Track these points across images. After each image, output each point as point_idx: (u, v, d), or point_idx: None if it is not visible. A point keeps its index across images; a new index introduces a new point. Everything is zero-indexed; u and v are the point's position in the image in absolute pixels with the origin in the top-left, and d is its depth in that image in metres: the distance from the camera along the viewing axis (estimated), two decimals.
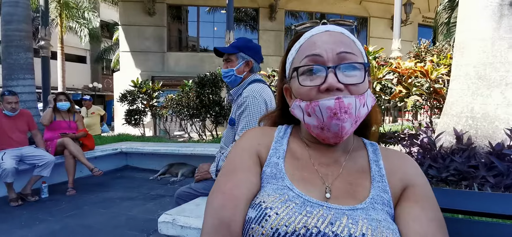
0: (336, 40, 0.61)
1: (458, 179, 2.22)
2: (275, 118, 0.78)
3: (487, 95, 2.46)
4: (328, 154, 0.65)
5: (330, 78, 0.57)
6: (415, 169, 0.64)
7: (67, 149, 3.76)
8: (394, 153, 0.68)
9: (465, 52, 2.63)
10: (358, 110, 0.58)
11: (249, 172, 0.62)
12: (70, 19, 14.00)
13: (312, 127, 0.61)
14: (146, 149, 4.81)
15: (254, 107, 1.63)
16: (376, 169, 0.63)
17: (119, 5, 11.27)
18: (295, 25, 0.73)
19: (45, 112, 3.92)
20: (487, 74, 2.46)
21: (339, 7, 12.13)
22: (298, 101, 0.63)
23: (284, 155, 0.65)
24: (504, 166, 2.07)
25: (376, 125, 0.77)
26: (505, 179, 2.02)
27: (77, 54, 19.93)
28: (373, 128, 0.75)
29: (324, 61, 0.59)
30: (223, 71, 1.81)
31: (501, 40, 2.42)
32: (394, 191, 0.61)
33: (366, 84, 0.61)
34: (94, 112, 6.70)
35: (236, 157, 0.65)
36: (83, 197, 3.52)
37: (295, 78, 0.62)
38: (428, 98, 4.03)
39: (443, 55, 4.73)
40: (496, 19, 2.45)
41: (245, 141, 0.68)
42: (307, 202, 0.56)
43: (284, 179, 0.60)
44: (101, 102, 21.00)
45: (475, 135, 2.50)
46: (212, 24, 11.81)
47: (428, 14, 12.80)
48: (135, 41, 10.93)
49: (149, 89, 6.96)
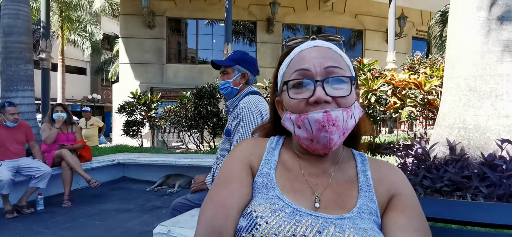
0: (324, 55, 0.64)
1: (452, 190, 2.25)
2: (268, 130, 0.81)
3: (478, 107, 2.51)
4: (317, 164, 0.67)
5: (318, 91, 0.60)
6: (401, 179, 0.66)
7: (65, 160, 3.77)
8: (381, 164, 0.71)
9: (456, 65, 2.70)
10: (346, 122, 0.61)
11: (241, 182, 0.64)
12: (71, 32, 14.15)
13: (302, 139, 0.63)
14: (144, 160, 4.81)
15: (249, 118, 1.66)
16: (364, 179, 0.66)
17: (120, 18, 11.43)
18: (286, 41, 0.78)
19: (51, 133, 3.87)
20: (477, 86, 2.52)
21: (335, 21, 12.34)
22: (288, 114, 0.65)
23: (275, 166, 0.67)
24: (496, 176, 2.11)
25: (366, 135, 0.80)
26: (497, 189, 2.04)
27: (77, 65, 20.08)
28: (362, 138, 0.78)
29: (313, 75, 0.62)
30: (220, 83, 1.86)
31: (490, 53, 2.49)
32: (381, 201, 0.63)
33: (353, 96, 0.64)
34: (93, 124, 6.73)
35: (229, 167, 0.68)
36: (79, 209, 3.50)
37: (286, 91, 0.65)
38: (422, 109, 4.08)
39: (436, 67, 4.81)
40: (485, 33, 2.52)
41: (238, 152, 0.71)
42: (297, 211, 0.58)
43: (275, 189, 0.62)
44: (100, 113, 21.01)
45: (468, 145, 2.53)
46: (210, 36, 11.96)
47: (422, 27, 13.03)
48: (135, 53, 11.05)
49: (147, 101, 7.00)
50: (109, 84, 20.31)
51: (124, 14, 11.10)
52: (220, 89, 1.87)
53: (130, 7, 10.90)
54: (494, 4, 2.51)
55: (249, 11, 11.64)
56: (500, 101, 2.46)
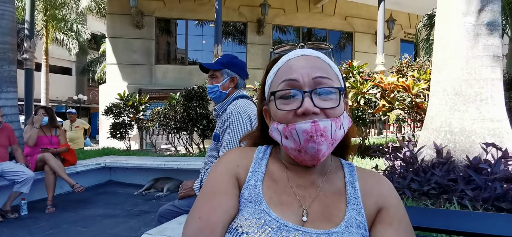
0: (312, 65, 0.63)
1: (439, 193, 2.28)
2: (255, 138, 0.79)
3: (464, 111, 2.56)
4: (305, 176, 0.66)
5: (306, 102, 0.59)
6: (389, 191, 0.66)
7: (47, 165, 3.66)
8: (369, 174, 0.70)
9: (443, 69, 2.74)
10: (334, 133, 0.60)
11: (227, 195, 0.62)
12: (57, 31, 13.79)
13: (290, 150, 0.62)
14: (131, 163, 4.72)
15: (238, 123, 1.64)
16: (352, 191, 0.65)
17: (107, 17, 11.21)
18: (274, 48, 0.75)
19: (31, 133, 3.78)
20: (463, 90, 2.57)
21: (325, 23, 12.44)
22: (276, 124, 0.64)
23: (262, 178, 0.66)
24: (481, 179, 2.14)
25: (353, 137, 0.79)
26: (482, 192, 2.08)
27: (62, 65, 19.58)
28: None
29: (301, 85, 0.61)
30: (208, 87, 1.83)
31: (475, 59, 2.54)
32: (369, 213, 0.63)
33: (342, 107, 0.62)
34: (79, 126, 6.55)
35: (215, 179, 0.65)
36: (63, 215, 3.40)
37: (273, 102, 0.64)
38: (410, 111, 4.14)
39: (423, 71, 4.90)
40: (470, 38, 2.57)
41: (224, 163, 0.69)
42: (284, 226, 0.57)
43: (262, 203, 0.61)
44: (86, 114, 20.58)
45: (454, 149, 2.58)
46: (200, 37, 11.87)
47: (410, 30, 13.29)
48: (123, 53, 10.85)
49: (135, 102, 6.88)
50: (95, 84, 19.91)
51: (111, 14, 10.90)
52: (208, 93, 1.84)
53: (117, 6, 10.71)
54: (480, 10, 2.57)
55: (239, 12, 11.61)
56: (485, 105, 2.51)
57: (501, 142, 2.44)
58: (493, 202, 2.01)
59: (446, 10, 2.78)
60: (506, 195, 2.00)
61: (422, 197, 2.30)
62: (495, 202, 2.01)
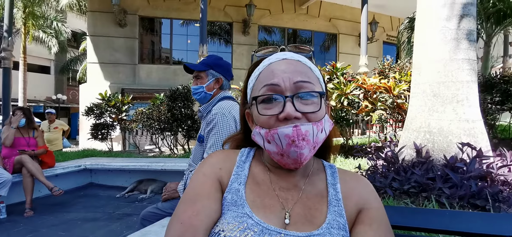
0: (293, 69, 0.63)
1: (418, 191, 2.35)
2: (238, 141, 0.79)
3: (442, 111, 2.66)
4: (288, 178, 0.66)
5: (288, 107, 0.59)
6: (370, 193, 0.67)
7: (25, 167, 3.53)
8: (351, 176, 0.71)
9: (422, 71, 2.83)
10: (316, 136, 0.60)
11: (210, 199, 0.62)
12: (36, 29, 13.25)
13: (273, 154, 0.62)
14: (113, 165, 4.60)
15: (223, 124, 1.63)
16: (333, 193, 0.65)
17: (88, 15, 10.89)
18: (255, 51, 0.75)
19: (8, 133, 3.67)
20: (441, 92, 2.66)
21: (310, 24, 12.59)
22: (258, 128, 0.64)
23: (245, 181, 0.66)
24: (457, 178, 2.23)
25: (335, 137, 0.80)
26: (459, 190, 2.16)
27: (41, 64, 18.85)
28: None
29: (282, 90, 0.61)
30: (192, 88, 1.80)
31: (452, 61, 2.64)
32: (350, 214, 0.64)
33: (323, 110, 0.63)
34: (57, 127, 6.33)
35: (198, 183, 0.65)
36: (42, 219, 3.29)
37: (255, 106, 0.64)
38: (392, 112, 4.26)
39: (404, 72, 5.05)
40: (448, 42, 2.67)
41: (207, 167, 0.68)
42: (266, 229, 0.57)
43: (244, 206, 0.61)
44: (66, 114, 19.91)
45: (433, 148, 2.67)
46: (185, 37, 11.74)
47: (392, 33, 13.65)
48: (105, 52, 10.57)
49: (118, 102, 6.71)
50: (76, 84, 19.29)
51: (92, 11, 10.60)
52: (193, 94, 1.82)
53: (98, 4, 10.43)
54: (457, 16, 2.67)
55: (225, 12, 11.56)
56: (461, 106, 2.61)
57: (475, 141, 2.54)
58: (468, 199, 2.09)
59: (425, 15, 2.87)
60: (480, 192, 2.09)
61: (403, 195, 2.37)
62: (470, 200, 2.09)
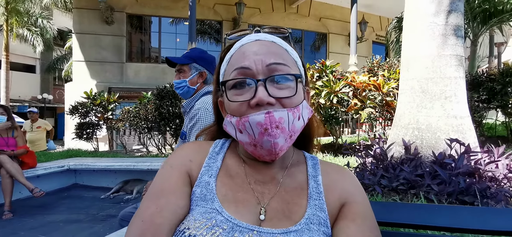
0: (266, 51, 0.58)
1: (407, 188, 2.33)
2: (213, 133, 0.73)
3: (430, 108, 2.65)
4: (264, 171, 0.61)
5: (260, 92, 0.54)
6: (354, 186, 0.62)
7: (3, 168, 3.38)
8: (333, 168, 0.66)
9: (410, 67, 2.82)
10: (292, 124, 0.55)
11: (176, 194, 0.56)
12: (20, 26, 12.84)
13: (245, 144, 0.57)
14: (98, 165, 4.47)
15: (205, 120, 1.57)
16: (314, 186, 0.60)
17: (74, 12, 10.63)
18: (227, 34, 0.69)
19: None
20: (429, 88, 2.65)
21: (300, 23, 12.60)
22: (229, 117, 0.58)
23: (216, 173, 0.60)
24: (446, 174, 2.21)
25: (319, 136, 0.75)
26: (447, 186, 2.15)
27: (25, 62, 18.33)
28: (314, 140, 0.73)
29: (254, 73, 0.56)
30: (175, 82, 1.73)
31: (440, 57, 2.63)
32: (332, 209, 0.58)
33: (301, 95, 0.58)
34: (40, 127, 6.11)
35: (163, 177, 0.59)
36: (21, 221, 3.15)
37: (225, 93, 0.58)
38: (381, 110, 4.26)
39: (393, 70, 5.07)
40: (436, 38, 2.66)
41: (176, 158, 0.62)
42: (236, 226, 0.52)
43: (214, 201, 0.55)
44: (52, 114, 19.43)
45: (421, 145, 2.65)
46: (174, 35, 11.58)
47: (381, 33, 13.81)
48: (91, 50, 10.33)
49: (103, 101, 6.55)
50: (62, 83, 18.83)
51: (77, 8, 10.35)
52: (175, 88, 1.74)
53: (84, 0, 10.19)
54: (445, 11, 2.66)
55: (215, 11, 11.47)
56: (449, 103, 2.61)
57: (464, 138, 2.54)
58: (457, 196, 2.08)
59: (413, 11, 2.86)
60: (468, 189, 2.08)
61: (392, 193, 2.35)
62: (459, 196, 2.08)
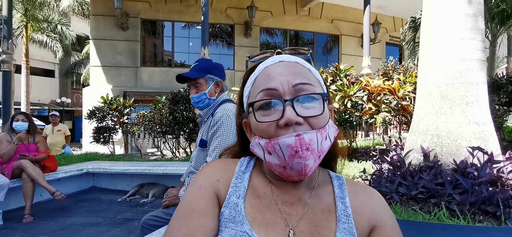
0: (291, 72, 0.58)
1: (427, 197, 2.27)
2: (236, 153, 0.73)
3: (450, 114, 2.58)
4: (291, 191, 0.61)
5: (288, 112, 0.54)
6: (383, 208, 0.61)
7: (25, 172, 3.48)
8: (361, 189, 0.65)
9: (429, 72, 2.76)
10: (321, 145, 0.55)
11: (206, 216, 0.56)
12: (38, 32, 13.30)
13: (274, 166, 0.57)
14: (115, 169, 4.56)
15: (228, 126, 1.59)
16: (342, 208, 0.60)
17: (91, 19, 10.93)
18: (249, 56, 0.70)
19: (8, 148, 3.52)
20: (449, 93, 2.58)
21: (312, 25, 12.53)
22: (257, 139, 0.58)
23: (245, 194, 0.60)
24: (468, 183, 2.15)
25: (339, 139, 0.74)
26: (470, 196, 2.08)
27: (44, 67, 18.97)
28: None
29: (280, 94, 0.56)
30: (193, 97, 1.72)
31: (460, 62, 2.56)
32: (361, 233, 0.58)
33: (327, 114, 0.58)
34: (61, 129, 6.31)
35: (193, 197, 0.59)
36: (41, 224, 3.24)
37: (252, 114, 0.59)
38: (396, 114, 4.18)
39: (409, 74, 4.96)
40: (456, 41, 2.59)
41: (203, 178, 0.63)
42: None
43: (243, 224, 0.55)
44: (70, 117, 20.01)
45: (441, 152, 2.59)
46: (187, 39, 11.74)
47: (394, 34, 13.56)
48: (107, 55, 10.59)
49: (119, 106, 6.69)
50: (80, 87, 19.39)
51: (94, 15, 10.63)
52: (194, 103, 1.74)
53: (101, 7, 10.46)
54: (465, 14, 2.60)
55: (227, 14, 11.55)
56: (470, 109, 2.53)
57: (486, 145, 2.46)
58: (479, 205, 2.01)
59: (432, 14, 2.80)
60: (491, 198, 2.01)
61: (410, 201, 2.30)
62: (482, 206, 2.01)
